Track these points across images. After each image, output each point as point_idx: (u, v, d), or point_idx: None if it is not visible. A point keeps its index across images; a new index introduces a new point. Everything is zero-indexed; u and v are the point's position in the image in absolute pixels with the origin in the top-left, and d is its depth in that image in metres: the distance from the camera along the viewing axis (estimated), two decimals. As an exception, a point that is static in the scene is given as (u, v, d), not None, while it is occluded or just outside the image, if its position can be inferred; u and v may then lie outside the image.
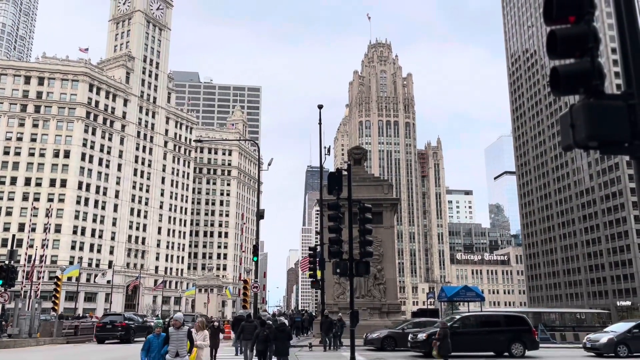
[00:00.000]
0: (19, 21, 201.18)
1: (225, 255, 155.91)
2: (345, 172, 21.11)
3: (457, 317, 26.34)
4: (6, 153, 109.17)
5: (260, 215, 39.15)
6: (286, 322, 18.91)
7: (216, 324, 22.17)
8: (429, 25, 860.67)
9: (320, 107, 31.26)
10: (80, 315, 77.77)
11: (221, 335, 40.12)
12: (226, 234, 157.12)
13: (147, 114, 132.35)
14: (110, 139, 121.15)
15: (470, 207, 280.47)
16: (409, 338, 25.66)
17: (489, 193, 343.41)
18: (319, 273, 31.53)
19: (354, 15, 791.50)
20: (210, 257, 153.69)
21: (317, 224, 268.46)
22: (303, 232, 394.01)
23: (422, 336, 24.26)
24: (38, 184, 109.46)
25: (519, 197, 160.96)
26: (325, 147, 31.75)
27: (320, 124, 31.33)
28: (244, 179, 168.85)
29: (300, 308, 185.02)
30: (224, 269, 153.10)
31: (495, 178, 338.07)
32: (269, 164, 47.93)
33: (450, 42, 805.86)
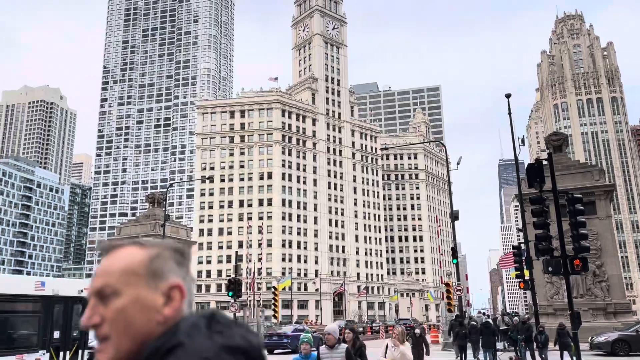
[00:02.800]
0: (220, 64, 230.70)
1: (422, 259, 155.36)
2: (545, 162, 19.40)
3: None
4: (222, 180, 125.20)
5: (454, 216, 38.13)
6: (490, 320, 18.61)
7: (417, 331, 18.61)
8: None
9: (508, 96, 29.37)
10: (296, 321, 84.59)
11: (428, 339, 39.66)
12: (421, 238, 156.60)
13: (333, 129, 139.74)
14: (304, 157, 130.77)
15: None
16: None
17: None
18: (526, 273, 29.39)
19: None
20: (407, 262, 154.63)
21: (517, 221, 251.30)
22: (502, 230, 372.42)
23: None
24: (249, 205, 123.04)
25: None
26: (518, 138, 29.62)
27: (510, 113, 29.42)
28: (433, 181, 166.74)
29: (508, 310, 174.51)
30: (423, 272, 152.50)
31: None
32: (458, 163, 46.26)
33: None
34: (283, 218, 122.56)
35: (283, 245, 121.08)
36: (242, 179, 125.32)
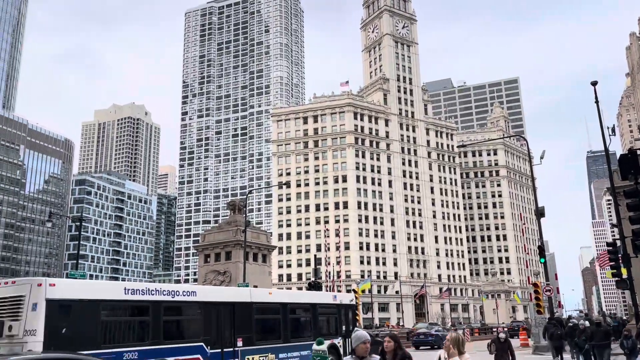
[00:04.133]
0: (292, 72, 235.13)
1: (507, 258, 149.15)
2: (640, 152, 17.92)
3: None
4: (298, 185, 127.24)
5: (540, 213, 36.26)
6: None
7: (502, 335, 16.15)
8: None
9: (594, 83, 27.50)
10: (377, 325, 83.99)
11: (517, 342, 37.87)
12: (504, 237, 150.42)
13: (407, 129, 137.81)
14: (378, 159, 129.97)
15: None
16: None
17: None
18: (623, 271, 27.29)
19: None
20: (491, 262, 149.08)
21: (610, 216, 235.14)
22: (594, 226, 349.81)
23: None
24: (325, 208, 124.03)
25: None
26: (607, 127, 27.62)
27: (597, 102, 27.51)
28: (515, 177, 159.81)
29: (606, 310, 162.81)
30: (508, 273, 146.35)
31: None
32: (542, 157, 43.85)
33: None
34: (359, 221, 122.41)
35: (361, 248, 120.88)
36: (317, 183, 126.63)
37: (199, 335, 16.48)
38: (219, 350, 16.78)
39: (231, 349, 17.31)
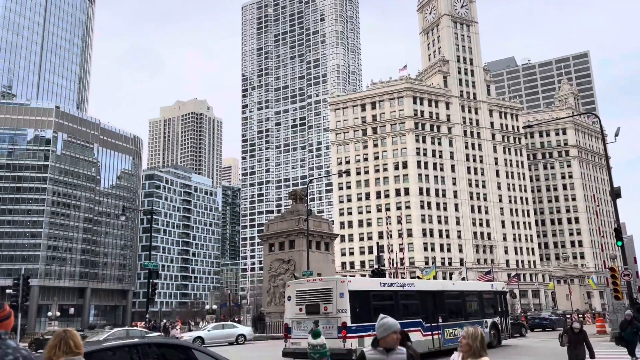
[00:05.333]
0: (349, 59, 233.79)
1: (579, 242, 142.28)
2: None
3: None
4: (358, 173, 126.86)
5: (616, 193, 34.18)
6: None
7: (577, 325, 13.90)
8: None
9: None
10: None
11: (595, 329, 36.18)
12: (577, 220, 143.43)
13: (469, 111, 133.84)
14: (439, 143, 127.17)
15: None
16: None
17: None
18: None
19: None
20: (563, 246, 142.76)
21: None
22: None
23: None
24: (386, 196, 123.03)
25: None
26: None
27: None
28: (587, 157, 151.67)
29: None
30: (582, 257, 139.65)
31: None
32: (616, 135, 41.26)
33: None
34: (422, 207, 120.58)
35: (424, 235, 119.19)
36: (377, 171, 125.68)
37: (418, 313, 22.54)
38: (429, 324, 22.68)
39: (436, 324, 23.10)
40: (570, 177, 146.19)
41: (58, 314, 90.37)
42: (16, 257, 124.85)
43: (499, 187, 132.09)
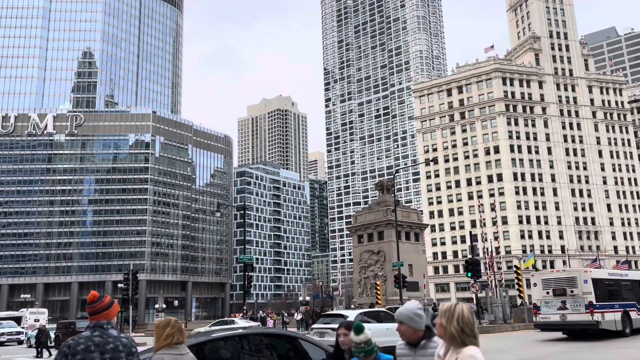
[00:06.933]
0: (432, 44, 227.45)
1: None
2: None
3: None
4: (446, 161, 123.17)
5: None
6: None
7: None
8: None
9: None
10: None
11: None
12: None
13: (565, 89, 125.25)
14: (533, 125, 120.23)
15: None
16: None
17: None
18: None
19: None
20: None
21: None
22: None
23: None
24: (478, 182, 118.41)
25: None
26: None
27: None
28: None
29: None
30: None
31: None
32: None
33: None
34: (517, 193, 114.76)
35: (520, 222, 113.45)
36: (466, 157, 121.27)
37: (633, 298, 26.91)
38: None
39: None
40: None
41: (164, 306, 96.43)
42: (125, 254, 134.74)
43: (602, 169, 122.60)
